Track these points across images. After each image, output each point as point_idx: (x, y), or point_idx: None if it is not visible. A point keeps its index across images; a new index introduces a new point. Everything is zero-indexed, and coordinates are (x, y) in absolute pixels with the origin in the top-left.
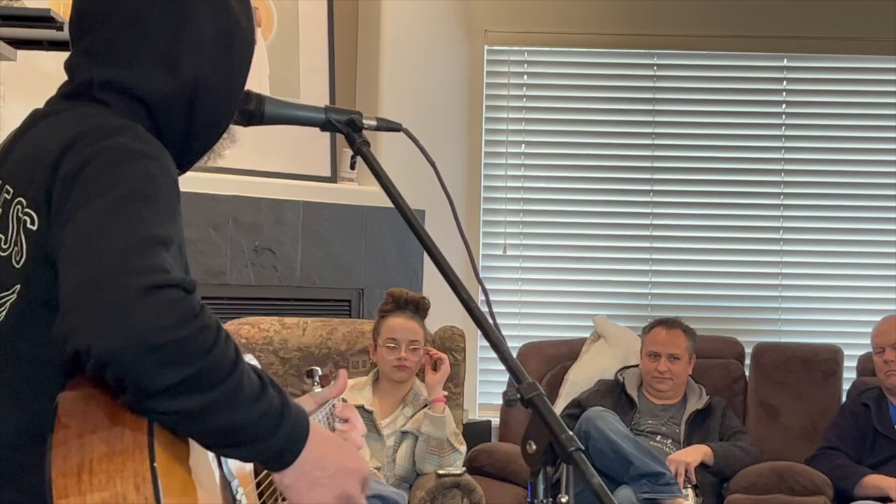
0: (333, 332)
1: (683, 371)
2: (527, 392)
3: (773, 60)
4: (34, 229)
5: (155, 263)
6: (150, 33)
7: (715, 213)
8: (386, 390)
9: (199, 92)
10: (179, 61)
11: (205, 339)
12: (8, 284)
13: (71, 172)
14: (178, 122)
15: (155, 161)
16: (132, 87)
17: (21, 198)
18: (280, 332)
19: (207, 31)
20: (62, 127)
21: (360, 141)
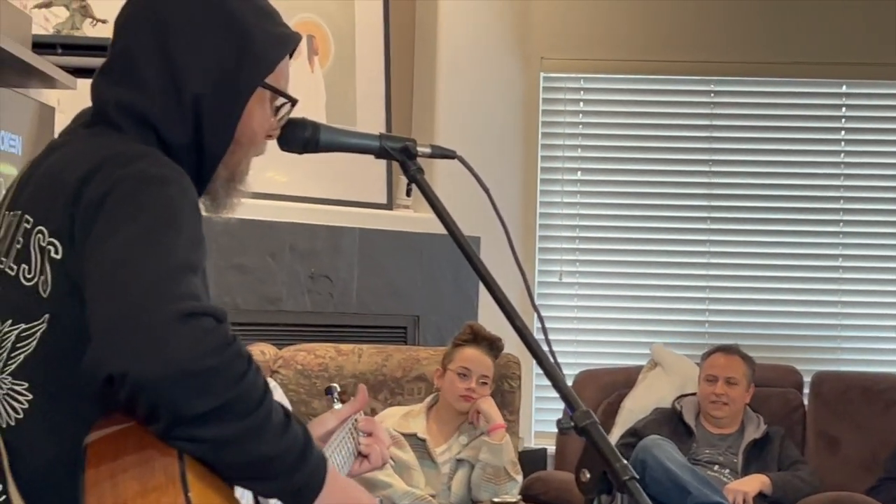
0: (389, 359)
1: (741, 397)
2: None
3: (832, 87)
4: (59, 258)
5: (187, 291)
6: (155, 59)
7: (773, 240)
8: (443, 418)
9: (201, 113)
10: (180, 86)
11: (238, 367)
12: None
13: (94, 201)
14: (185, 145)
15: (176, 185)
16: (142, 110)
17: (42, 227)
18: (336, 359)
19: (216, 52)
20: (81, 155)
21: (414, 168)
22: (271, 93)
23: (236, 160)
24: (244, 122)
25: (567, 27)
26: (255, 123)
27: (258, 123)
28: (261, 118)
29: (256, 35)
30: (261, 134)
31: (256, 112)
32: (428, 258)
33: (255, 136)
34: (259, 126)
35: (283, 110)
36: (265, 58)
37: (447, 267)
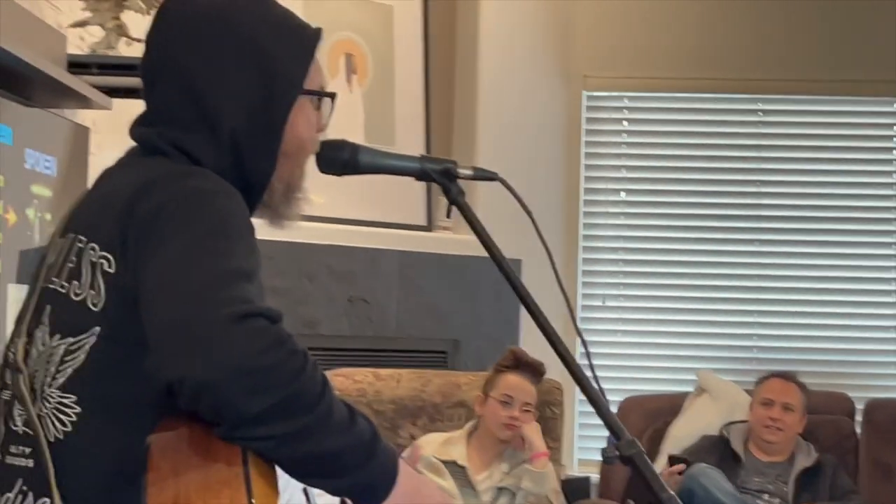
0: (428, 384)
1: (795, 425)
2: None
3: (885, 105)
4: (112, 272)
5: (240, 295)
6: (193, 95)
7: (824, 263)
8: (483, 445)
9: (238, 145)
10: (217, 123)
11: (294, 363)
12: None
13: (148, 216)
14: (228, 173)
15: (229, 198)
16: (183, 144)
17: (94, 243)
18: (374, 384)
19: (241, 84)
20: (131, 176)
21: (455, 191)
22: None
23: (289, 170)
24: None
25: (611, 44)
26: (300, 131)
27: (303, 130)
28: (304, 124)
29: (277, 54)
30: (308, 138)
31: (299, 121)
32: (468, 281)
33: (303, 143)
34: (305, 132)
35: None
36: (291, 75)
37: (488, 290)
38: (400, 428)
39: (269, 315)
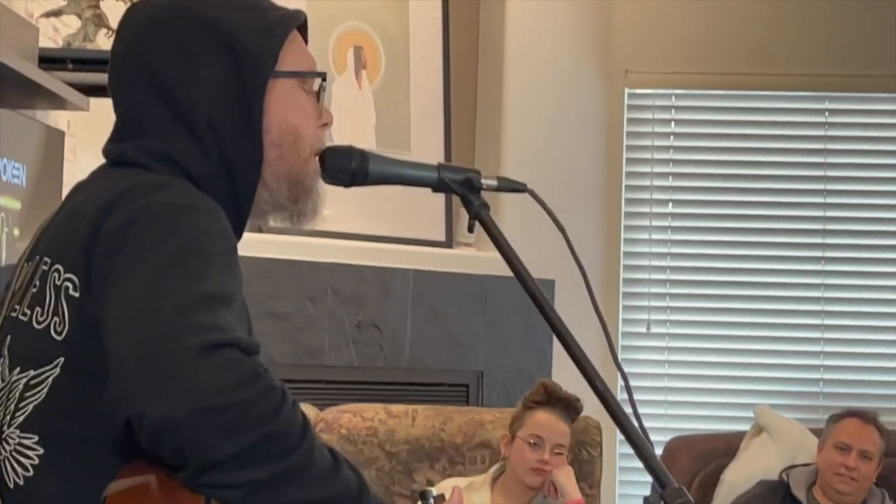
0: (448, 423)
1: (871, 475)
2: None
3: None
4: (76, 296)
5: (212, 322)
6: (162, 93)
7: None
8: (510, 491)
9: (219, 136)
10: (193, 126)
11: (270, 401)
12: (48, 358)
13: (115, 232)
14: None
15: (207, 214)
16: (161, 150)
17: (59, 265)
18: (386, 422)
19: (207, 70)
20: (100, 189)
21: (478, 203)
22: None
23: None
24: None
25: (656, 35)
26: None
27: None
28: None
29: (242, 36)
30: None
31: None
32: (493, 304)
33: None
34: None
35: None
36: (260, 52)
37: (515, 315)
38: (415, 472)
39: (243, 346)
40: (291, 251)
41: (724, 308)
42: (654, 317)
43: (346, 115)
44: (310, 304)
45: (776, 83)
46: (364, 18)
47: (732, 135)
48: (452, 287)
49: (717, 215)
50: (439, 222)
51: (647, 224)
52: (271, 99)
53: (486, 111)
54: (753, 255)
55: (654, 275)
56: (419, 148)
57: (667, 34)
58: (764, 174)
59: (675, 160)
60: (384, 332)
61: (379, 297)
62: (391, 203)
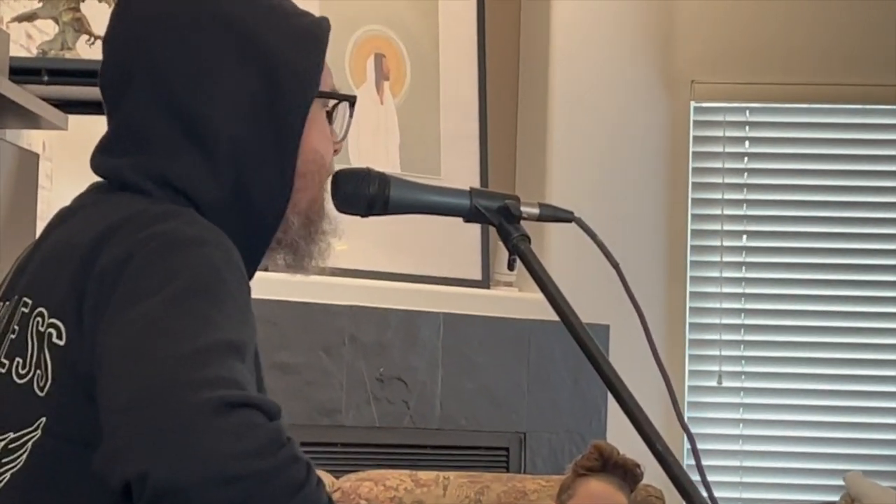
0: (485, 492)
1: None
2: None
3: None
4: (61, 344)
5: (226, 375)
6: (175, 104)
7: None
8: None
9: (239, 167)
10: (209, 140)
11: (293, 475)
12: (30, 419)
13: (111, 267)
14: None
15: (217, 248)
16: (163, 172)
17: (42, 307)
18: (413, 492)
19: (239, 84)
20: (93, 219)
21: (517, 235)
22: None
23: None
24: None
25: (725, 41)
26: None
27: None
28: (319, 133)
29: (277, 44)
30: (327, 153)
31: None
32: (537, 354)
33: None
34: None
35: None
36: (305, 67)
37: (563, 366)
38: None
39: (264, 407)
40: (302, 292)
41: (807, 358)
42: (725, 368)
43: (365, 134)
44: (324, 354)
45: (865, 95)
46: (386, 21)
47: (816, 155)
48: (490, 333)
49: (799, 249)
50: (474, 258)
51: (717, 260)
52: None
53: (529, 128)
54: (842, 295)
55: (725, 319)
56: (450, 171)
57: (738, 39)
58: (854, 201)
59: (750, 185)
60: (410, 387)
61: (404, 345)
62: (418, 236)
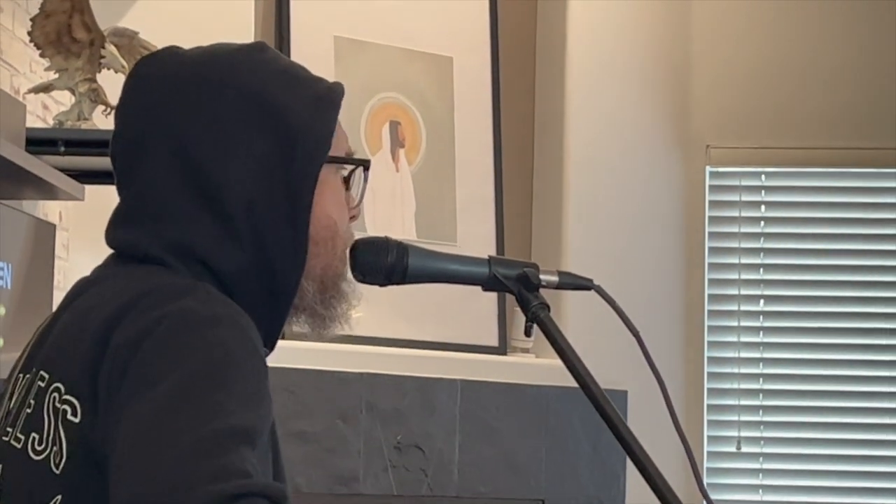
0: None
1: None
2: None
3: None
4: (76, 421)
5: (235, 465)
6: (192, 172)
7: None
8: None
9: (260, 227)
10: (227, 208)
11: None
12: (46, 497)
13: (125, 347)
14: (245, 273)
15: (232, 329)
16: (181, 241)
17: (59, 383)
18: None
19: (256, 151)
20: (112, 292)
21: (536, 304)
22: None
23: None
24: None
25: (740, 106)
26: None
27: (333, 208)
28: (332, 198)
29: (294, 108)
30: (341, 218)
31: (325, 195)
32: (556, 421)
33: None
34: (334, 209)
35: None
36: (316, 132)
37: (582, 433)
38: None
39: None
40: (319, 360)
41: (827, 423)
42: (745, 433)
43: (381, 201)
44: (341, 422)
45: (881, 159)
46: (401, 88)
47: (833, 219)
48: (508, 400)
49: (818, 314)
50: (491, 324)
51: (734, 324)
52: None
53: (545, 193)
54: (863, 360)
55: (744, 384)
56: (467, 238)
57: (753, 104)
58: (872, 265)
59: (767, 249)
60: (428, 455)
61: (422, 412)
62: (435, 302)
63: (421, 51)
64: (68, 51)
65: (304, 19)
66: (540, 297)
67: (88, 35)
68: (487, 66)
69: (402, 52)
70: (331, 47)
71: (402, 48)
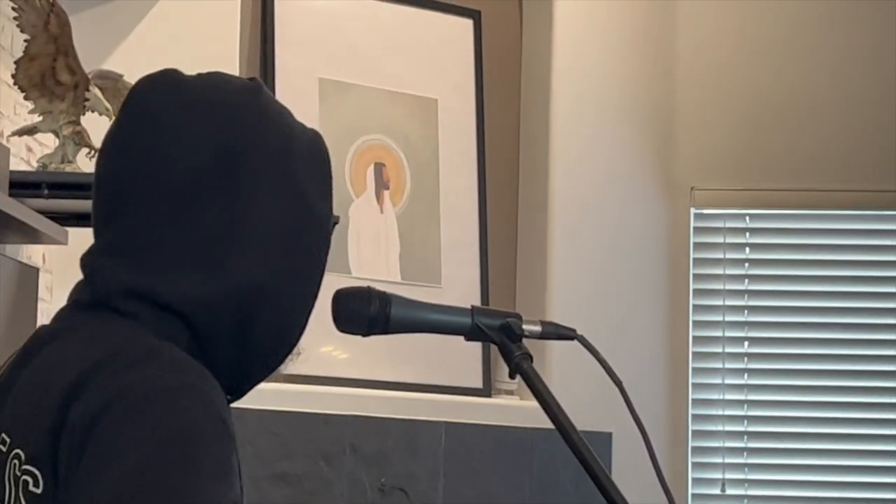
0: None
1: None
2: None
3: None
4: (38, 493)
5: None
6: (192, 226)
7: None
8: None
9: (254, 304)
10: (227, 262)
11: None
12: None
13: (85, 420)
14: (225, 340)
15: (195, 397)
16: (163, 296)
17: (19, 450)
18: None
19: (267, 222)
20: (74, 352)
21: (519, 354)
22: None
23: None
24: None
25: (725, 148)
26: None
27: None
28: None
29: (298, 163)
30: None
31: None
32: (540, 462)
33: None
34: None
35: None
36: (322, 193)
37: (566, 474)
38: None
39: None
40: (302, 402)
41: (812, 465)
42: (729, 475)
43: (366, 244)
44: (324, 464)
45: (865, 201)
46: (385, 130)
47: (817, 261)
48: (492, 442)
49: (802, 356)
50: (476, 366)
51: (719, 366)
52: None
53: (529, 235)
54: (847, 402)
55: (728, 426)
56: (451, 280)
57: (737, 146)
58: (856, 307)
59: (752, 291)
60: (412, 496)
61: (406, 454)
62: (419, 345)
63: (405, 92)
64: (52, 93)
65: (289, 61)
66: (523, 347)
67: (73, 78)
68: (472, 108)
69: (387, 94)
70: (315, 89)
71: (386, 90)
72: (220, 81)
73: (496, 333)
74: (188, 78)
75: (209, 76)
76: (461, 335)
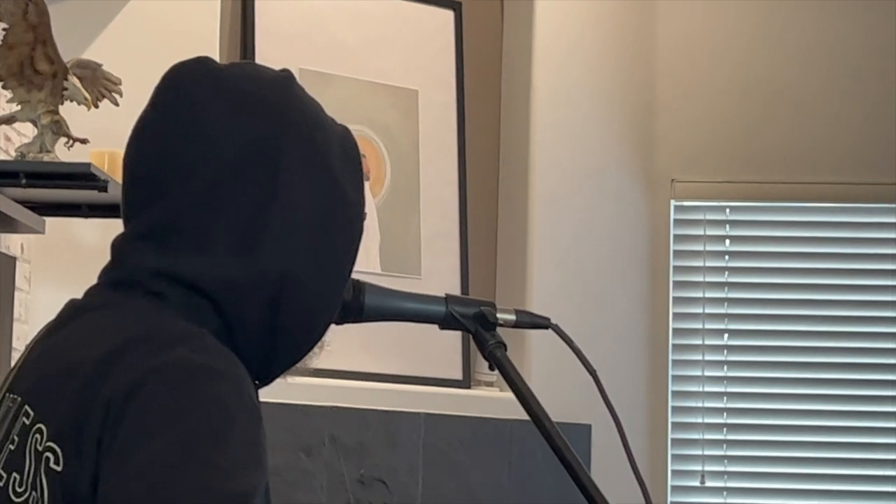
0: None
1: None
2: None
3: None
4: (59, 470)
5: None
6: (228, 211)
7: None
8: None
9: (284, 289)
10: (260, 248)
11: None
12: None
13: (116, 399)
14: (255, 325)
15: (228, 381)
16: (196, 279)
17: (42, 424)
18: None
19: (300, 210)
20: (104, 329)
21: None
22: None
23: None
24: None
25: (705, 140)
26: None
27: None
28: None
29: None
30: None
31: None
32: (519, 453)
33: None
34: None
35: None
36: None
37: (545, 465)
38: None
39: None
40: (282, 393)
41: (791, 458)
42: (708, 468)
43: None
44: (303, 455)
45: (844, 193)
46: (366, 121)
47: (797, 253)
48: (471, 433)
49: (781, 348)
50: (455, 358)
51: (699, 359)
52: None
53: (510, 227)
54: (827, 394)
55: (708, 418)
56: (431, 271)
57: (718, 138)
58: (836, 299)
59: (731, 283)
60: (391, 488)
61: (385, 446)
62: (398, 336)
63: (386, 84)
64: (31, 83)
65: (269, 52)
66: (497, 335)
67: (51, 67)
68: (453, 100)
69: (368, 85)
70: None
71: (367, 81)
72: (255, 71)
73: (470, 322)
74: (223, 67)
75: (243, 66)
76: (436, 323)
